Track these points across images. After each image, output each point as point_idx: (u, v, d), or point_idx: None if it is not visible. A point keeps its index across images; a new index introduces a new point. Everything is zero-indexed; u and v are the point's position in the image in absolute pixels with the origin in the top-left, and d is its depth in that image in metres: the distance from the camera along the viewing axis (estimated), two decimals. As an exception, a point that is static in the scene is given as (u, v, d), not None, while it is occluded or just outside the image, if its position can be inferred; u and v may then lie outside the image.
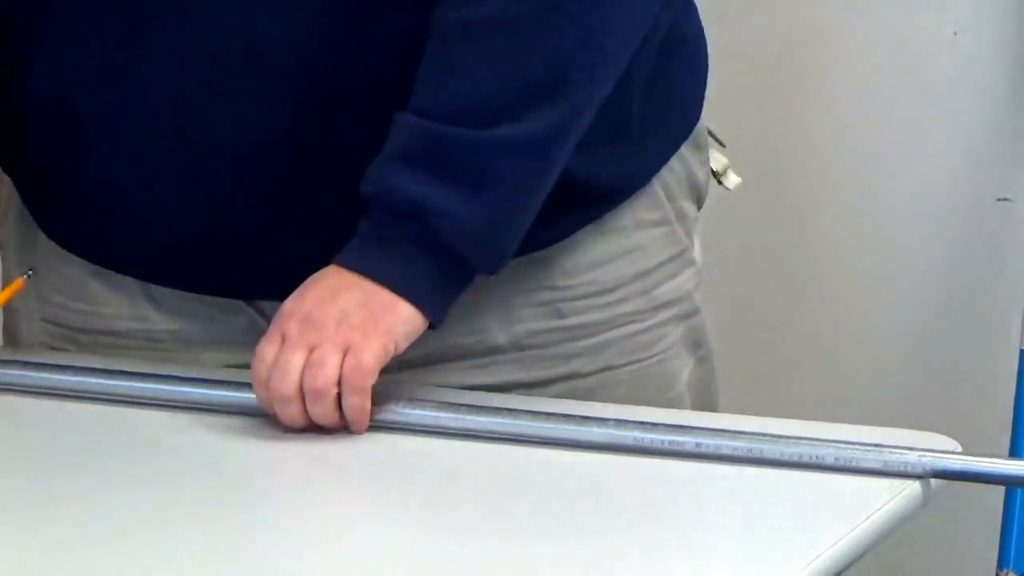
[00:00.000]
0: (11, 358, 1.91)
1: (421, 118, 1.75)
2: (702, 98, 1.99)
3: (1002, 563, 2.71)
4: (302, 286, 1.73)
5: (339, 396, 1.73)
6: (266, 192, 1.82)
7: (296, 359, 1.67)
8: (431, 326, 1.74)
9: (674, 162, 1.94)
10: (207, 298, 1.91)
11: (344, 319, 1.71)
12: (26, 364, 1.90)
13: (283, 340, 1.69)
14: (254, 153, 1.82)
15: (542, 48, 1.81)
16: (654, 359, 1.94)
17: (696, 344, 1.97)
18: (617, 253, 1.92)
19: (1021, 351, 2.71)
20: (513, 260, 1.84)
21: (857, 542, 1.50)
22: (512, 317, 1.89)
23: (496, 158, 1.79)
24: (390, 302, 1.72)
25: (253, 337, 1.86)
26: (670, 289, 1.95)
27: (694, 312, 1.97)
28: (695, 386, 1.98)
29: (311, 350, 1.68)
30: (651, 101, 1.92)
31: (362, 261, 1.73)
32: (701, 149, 1.98)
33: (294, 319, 1.71)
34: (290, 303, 1.71)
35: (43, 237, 1.97)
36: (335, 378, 1.68)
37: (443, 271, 1.75)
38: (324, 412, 1.69)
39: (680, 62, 1.95)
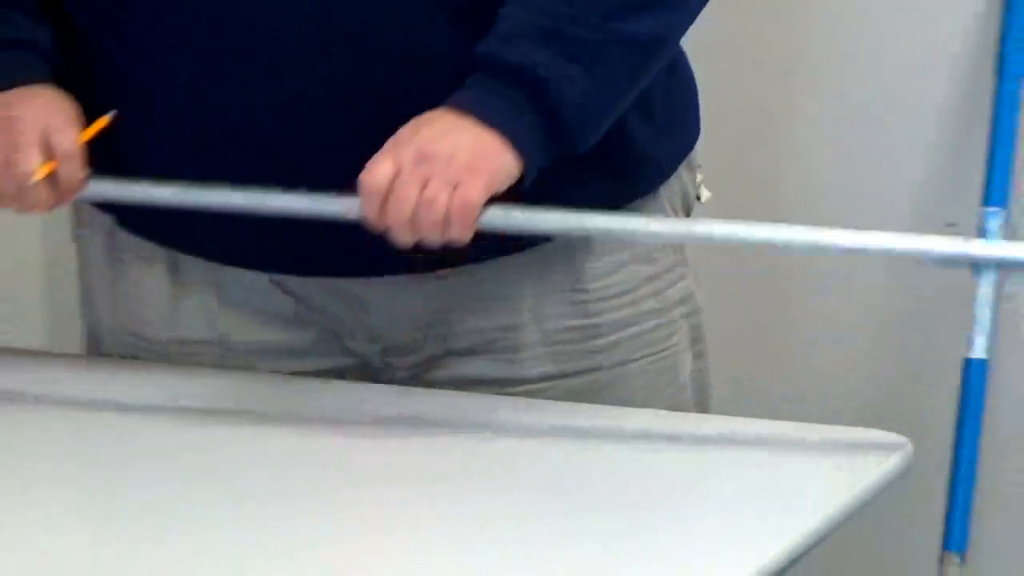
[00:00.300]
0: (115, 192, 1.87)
1: (543, 3, 1.77)
2: (698, 119, 2.02)
3: (945, 546, 2.73)
4: (415, 122, 1.72)
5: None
6: (333, 164, 1.78)
7: (412, 192, 1.68)
8: (520, 180, 1.73)
9: (672, 179, 1.97)
10: (280, 304, 1.93)
11: (454, 157, 1.71)
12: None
13: (398, 169, 1.69)
14: (322, 125, 1.82)
15: None
16: (664, 353, 1.97)
17: (696, 340, 2.01)
18: (634, 259, 1.95)
19: (966, 360, 2.72)
20: (544, 252, 1.91)
21: (818, 528, 1.59)
22: (543, 315, 1.92)
23: (608, 47, 1.80)
24: (497, 148, 1.72)
25: (325, 347, 1.95)
26: (677, 290, 1.99)
27: (696, 311, 2.01)
28: (694, 378, 2.02)
29: (424, 184, 1.68)
30: (665, 108, 1.96)
31: (477, 105, 1.73)
32: (692, 168, 2.00)
33: (409, 150, 1.70)
34: (406, 132, 1.71)
35: (122, 239, 1.96)
36: (445, 213, 1.70)
37: (546, 132, 1.74)
38: (433, 240, 1.71)
39: (678, 81, 1.98)
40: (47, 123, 1.76)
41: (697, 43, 2.08)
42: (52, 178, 1.76)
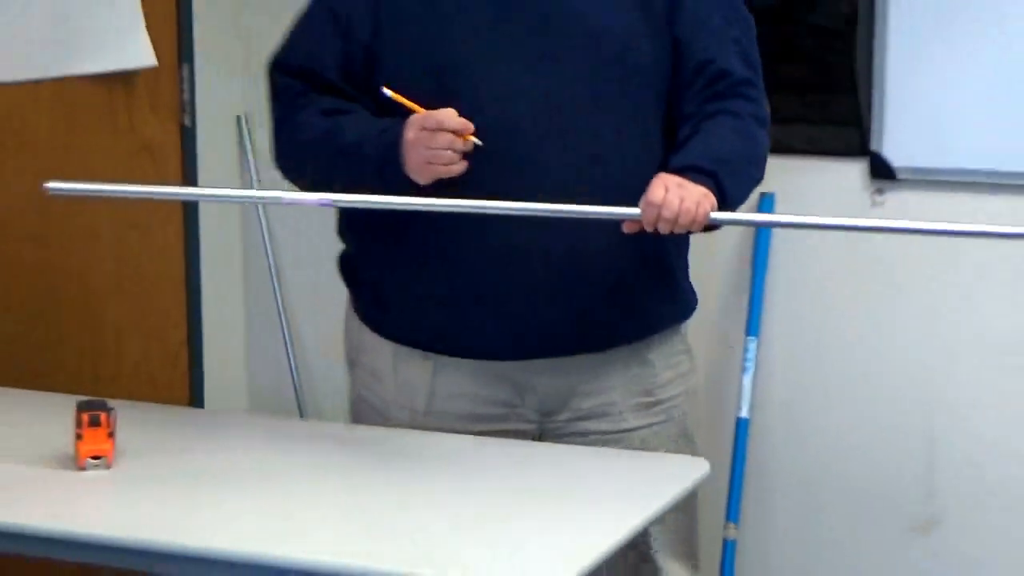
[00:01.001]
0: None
1: (716, 151, 1.80)
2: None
3: (727, 518, 2.65)
4: (664, 175, 1.73)
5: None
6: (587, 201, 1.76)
7: (676, 204, 1.70)
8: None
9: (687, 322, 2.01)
10: (487, 391, 1.87)
11: (695, 190, 1.72)
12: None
13: (665, 189, 1.71)
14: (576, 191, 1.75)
15: (762, 138, 1.89)
16: (686, 416, 1.98)
17: (694, 409, 2.03)
18: (674, 363, 1.96)
19: (737, 417, 2.66)
20: (629, 356, 1.88)
21: (643, 519, 1.60)
22: (630, 394, 1.92)
23: (743, 175, 1.84)
24: (708, 195, 1.74)
25: (509, 417, 1.87)
26: (693, 380, 2.01)
27: (694, 390, 2.02)
28: (691, 427, 2.02)
29: (681, 200, 1.70)
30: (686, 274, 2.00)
31: (691, 178, 1.74)
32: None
33: (671, 182, 1.73)
34: (664, 176, 1.73)
35: (400, 354, 1.89)
36: (694, 216, 1.70)
37: (718, 197, 1.75)
38: (680, 230, 1.71)
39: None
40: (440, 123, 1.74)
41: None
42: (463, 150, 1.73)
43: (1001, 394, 2.58)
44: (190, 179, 2.84)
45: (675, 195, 1.70)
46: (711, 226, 1.76)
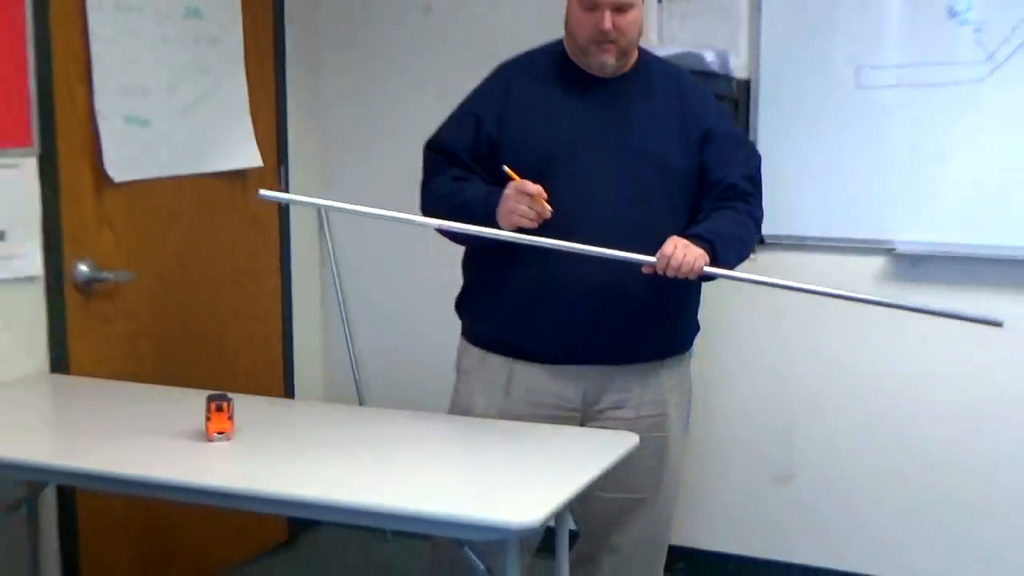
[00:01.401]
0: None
1: (716, 228, 1.79)
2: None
3: None
4: (676, 237, 1.72)
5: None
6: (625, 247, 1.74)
7: (681, 257, 1.70)
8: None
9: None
10: (550, 387, 1.84)
11: (695, 250, 1.72)
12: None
13: (675, 247, 1.72)
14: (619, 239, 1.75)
15: (756, 232, 1.87)
16: (686, 410, 1.97)
17: (689, 402, 2.01)
18: (677, 375, 1.94)
19: None
20: (647, 369, 1.85)
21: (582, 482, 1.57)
22: (646, 393, 1.90)
23: (738, 249, 1.82)
24: (704, 255, 1.74)
25: (566, 406, 1.85)
26: (690, 385, 2.00)
27: (691, 388, 2.00)
28: (688, 417, 2.02)
29: (684, 255, 1.71)
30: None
31: (695, 242, 1.74)
32: None
33: (680, 243, 1.73)
34: (675, 237, 1.73)
35: (485, 360, 1.87)
36: (692, 267, 1.70)
37: (712, 258, 1.75)
38: (682, 276, 1.70)
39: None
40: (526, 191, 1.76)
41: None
42: (539, 209, 1.73)
43: (841, 387, 2.54)
44: (285, 244, 2.86)
45: (681, 251, 1.71)
46: (706, 277, 1.75)
